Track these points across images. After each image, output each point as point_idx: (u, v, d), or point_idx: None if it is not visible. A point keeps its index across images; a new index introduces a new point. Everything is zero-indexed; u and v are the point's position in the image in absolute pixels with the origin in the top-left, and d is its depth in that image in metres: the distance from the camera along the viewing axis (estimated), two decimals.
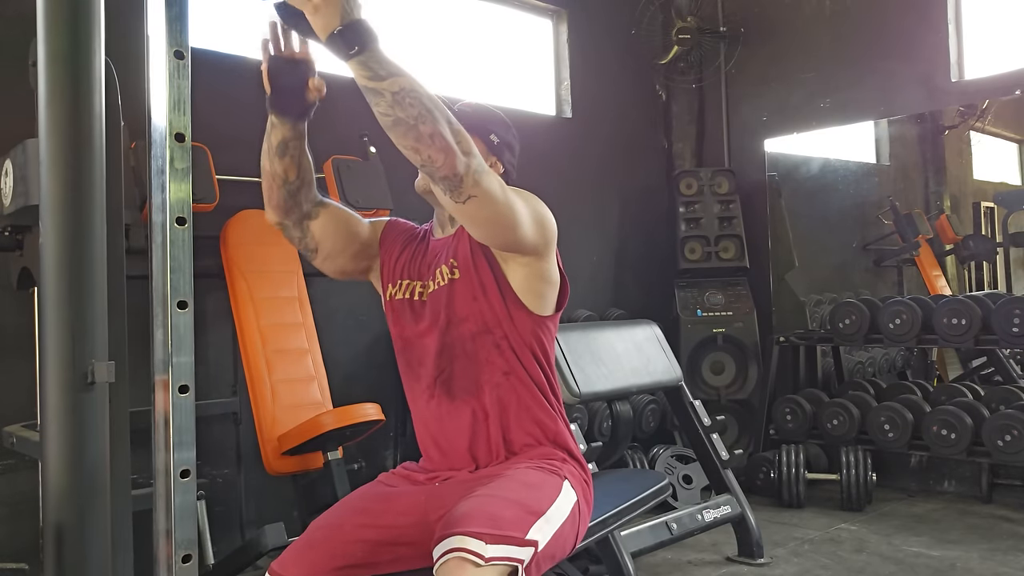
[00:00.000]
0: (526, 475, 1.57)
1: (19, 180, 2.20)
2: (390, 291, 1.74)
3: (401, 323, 1.72)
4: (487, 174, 1.45)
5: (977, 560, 2.97)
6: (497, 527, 1.35)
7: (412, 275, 1.73)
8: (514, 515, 1.41)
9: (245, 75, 3.33)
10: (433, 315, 1.66)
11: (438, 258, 1.70)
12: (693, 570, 3.00)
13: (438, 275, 1.68)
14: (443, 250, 1.70)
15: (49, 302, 1.29)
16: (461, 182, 1.41)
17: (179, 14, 1.45)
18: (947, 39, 4.04)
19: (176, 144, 1.45)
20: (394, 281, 1.75)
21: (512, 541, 1.36)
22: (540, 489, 1.53)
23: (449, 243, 1.70)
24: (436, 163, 1.39)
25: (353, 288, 3.40)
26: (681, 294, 4.40)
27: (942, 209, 4.72)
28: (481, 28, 4.32)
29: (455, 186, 1.42)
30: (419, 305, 1.69)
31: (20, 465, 2.66)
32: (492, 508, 1.40)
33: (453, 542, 1.32)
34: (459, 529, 1.33)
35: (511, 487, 1.50)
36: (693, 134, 4.97)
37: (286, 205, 1.66)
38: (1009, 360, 4.37)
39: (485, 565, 1.30)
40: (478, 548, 1.30)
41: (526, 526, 1.41)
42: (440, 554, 1.33)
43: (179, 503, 1.43)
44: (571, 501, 1.57)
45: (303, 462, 2.77)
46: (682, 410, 3.10)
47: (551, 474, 1.60)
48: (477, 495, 1.45)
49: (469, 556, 1.30)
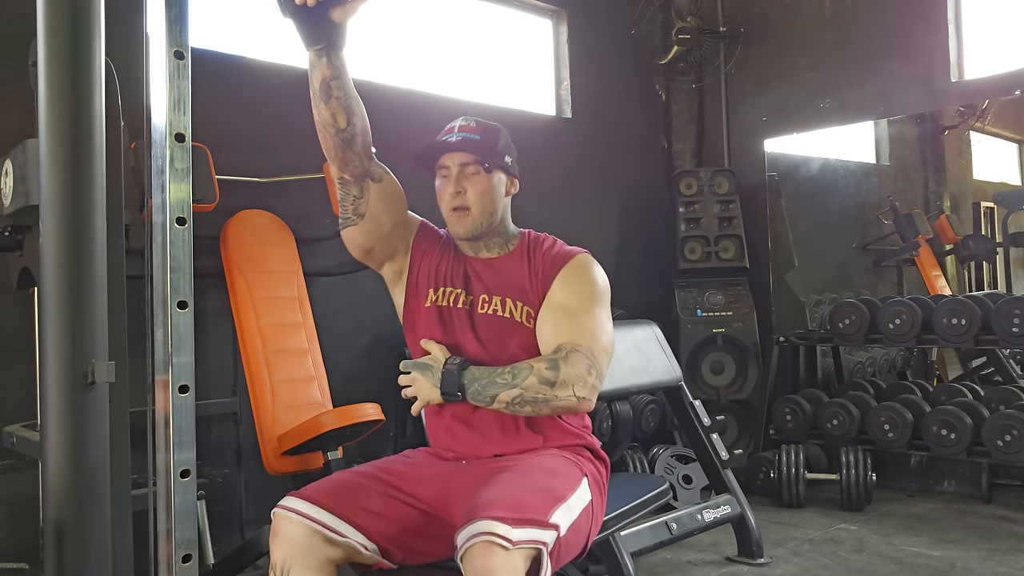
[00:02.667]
0: (548, 462, 1.62)
1: (19, 180, 2.19)
2: (431, 296, 1.76)
3: (438, 327, 1.73)
4: (595, 378, 1.59)
5: (977, 560, 2.97)
6: (521, 511, 1.38)
7: (455, 284, 1.76)
8: (537, 500, 1.45)
9: (245, 75, 3.35)
10: (488, 337, 1.71)
11: (495, 281, 1.75)
12: (693, 570, 3.00)
13: (499, 303, 1.73)
14: (501, 275, 1.75)
15: (49, 302, 1.29)
16: (589, 404, 1.62)
17: (179, 14, 1.45)
18: (947, 39, 4.04)
19: (176, 144, 1.45)
20: (436, 287, 1.76)
21: (536, 524, 1.39)
22: (562, 477, 1.59)
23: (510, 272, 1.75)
24: (573, 411, 1.64)
25: (353, 288, 3.41)
26: (681, 294, 4.40)
27: (942, 209, 4.72)
28: (481, 28, 4.32)
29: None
30: (463, 314, 1.73)
31: (20, 465, 2.65)
32: (515, 493, 1.43)
33: (480, 527, 1.34)
34: (485, 514, 1.35)
35: (533, 473, 1.54)
36: (693, 134, 4.97)
37: (343, 156, 1.63)
38: (1009, 360, 4.37)
39: (513, 548, 1.33)
40: (505, 532, 1.33)
41: (549, 510, 1.45)
42: (467, 538, 1.34)
43: (179, 503, 1.43)
44: (587, 498, 1.62)
45: (303, 462, 2.77)
46: (682, 410, 3.10)
47: (573, 465, 1.66)
48: (499, 482, 1.48)
49: (497, 540, 1.32)
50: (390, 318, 3.56)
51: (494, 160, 1.72)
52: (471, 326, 1.72)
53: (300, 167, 3.17)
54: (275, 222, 3.13)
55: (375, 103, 1.71)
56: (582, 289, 1.70)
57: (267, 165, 3.18)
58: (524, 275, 1.73)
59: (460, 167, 1.71)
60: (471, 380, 1.60)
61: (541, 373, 1.56)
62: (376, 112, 1.76)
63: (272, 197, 3.17)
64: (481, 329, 1.71)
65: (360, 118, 1.62)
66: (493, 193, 1.72)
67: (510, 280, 1.74)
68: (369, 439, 2.96)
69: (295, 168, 3.18)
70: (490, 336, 1.70)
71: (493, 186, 1.72)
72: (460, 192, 1.70)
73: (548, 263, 1.74)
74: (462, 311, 1.73)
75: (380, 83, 3.69)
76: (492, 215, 1.73)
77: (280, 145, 3.29)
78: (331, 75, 1.54)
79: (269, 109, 3.30)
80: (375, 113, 1.74)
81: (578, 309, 1.67)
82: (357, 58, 3.67)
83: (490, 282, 1.74)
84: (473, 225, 1.71)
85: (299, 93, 3.37)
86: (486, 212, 1.72)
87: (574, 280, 1.71)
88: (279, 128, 3.31)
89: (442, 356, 1.67)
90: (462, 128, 1.72)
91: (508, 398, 1.57)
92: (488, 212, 1.72)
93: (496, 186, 1.73)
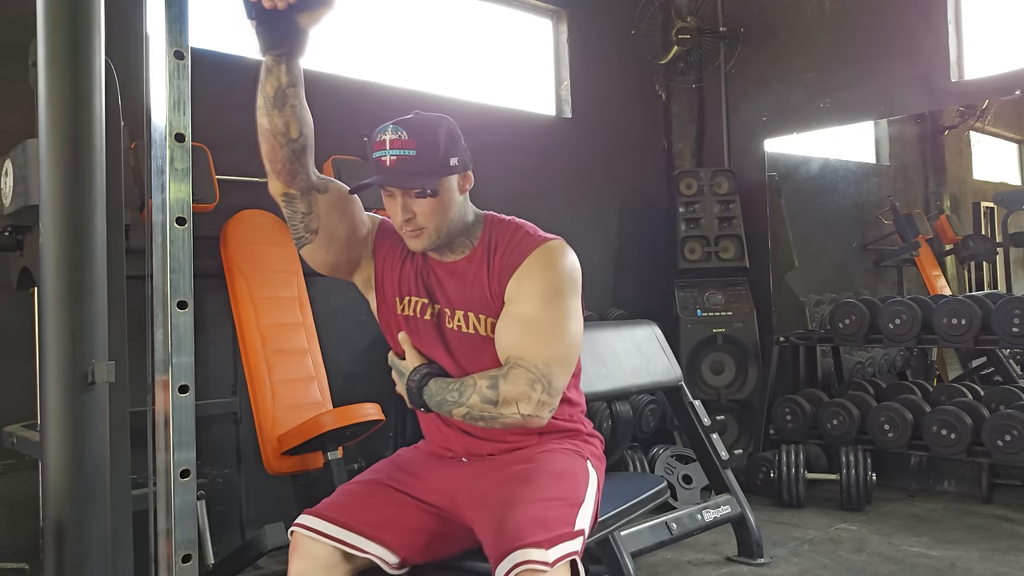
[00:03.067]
0: (554, 463, 1.61)
1: (19, 180, 2.19)
2: (399, 306, 1.70)
3: (413, 337, 1.68)
4: (540, 392, 1.53)
5: (977, 560, 2.97)
6: (549, 529, 1.40)
7: (419, 292, 1.68)
8: (558, 512, 1.46)
9: (245, 75, 3.33)
10: (460, 351, 1.65)
11: (458, 293, 1.64)
12: (693, 570, 3.00)
13: (462, 318, 1.64)
14: (463, 285, 1.64)
15: (49, 302, 1.29)
16: (554, 410, 1.58)
17: (179, 14, 1.45)
18: (947, 39, 4.04)
19: (176, 144, 1.45)
20: (401, 296, 1.70)
21: (565, 537, 1.41)
22: (572, 478, 1.59)
23: (471, 281, 1.64)
24: (524, 428, 1.58)
25: (353, 288, 3.39)
26: (681, 294, 4.40)
27: (942, 209, 4.72)
28: (481, 28, 4.32)
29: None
30: (431, 326, 1.66)
31: (20, 465, 2.66)
32: (536, 512, 1.44)
33: (516, 557, 1.35)
34: (518, 544, 1.37)
35: (545, 483, 1.53)
36: (693, 134, 4.97)
37: (291, 168, 1.56)
38: (1009, 360, 4.37)
39: (552, 570, 1.35)
40: (541, 556, 1.35)
41: (572, 520, 1.47)
42: (506, 571, 1.36)
43: (179, 503, 1.43)
44: (596, 482, 1.65)
45: (303, 462, 2.77)
46: (682, 410, 3.10)
47: (575, 455, 1.67)
48: (515, 500, 1.47)
49: (538, 567, 1.34)
50: None
51: (437, 176, 1.55)
52: (441, 341, 1.65)
53: None
54: (275, 222, 3.13)
55: (376, 104, 1.73)
56: (534, 290, 1.57)
57: None
58: (483, 282, 1.62)
59: (403, 192, 1.57)
60: (429, 396, 1.59)
61: (483, 392, 1.52)
62: (377, 113, 1.76)
63: (272, 197, 3.16)
64: (452, 344, 1.65)
65: (310, 129, 1.56)
66: (445, 207, 1.58)
67: (471, 290, 1.64)
68: (369, 439, 2.96)
69: None
70: (461, 351, 1.64)
71: (444, 201, 1.58)
72: (410, 218, 1.57)
73: (505, 264, 1.61)
74: (430, 323, 1.66)
75: (380, 83, 3.69)
76: (448, 225, 1.60)
77: None
78: (288, 82, 1.48)
79: None
80: (376, 114, 1.73)
81: (529, 315, 1.56)
82: (357, 58, 3.67)
83: (452, 293, 1.65)
84: (429, 241, 1.60)
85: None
86: (440, 227, 1.59)
87: (527, 280, 1.58)
88: None
89: (411, 365, 1.63)
90: (394, 144, 1.53)
91: (459, 414, 1.56)
92: (444, 225, 1.59)
93: (447, 198, 1.58)
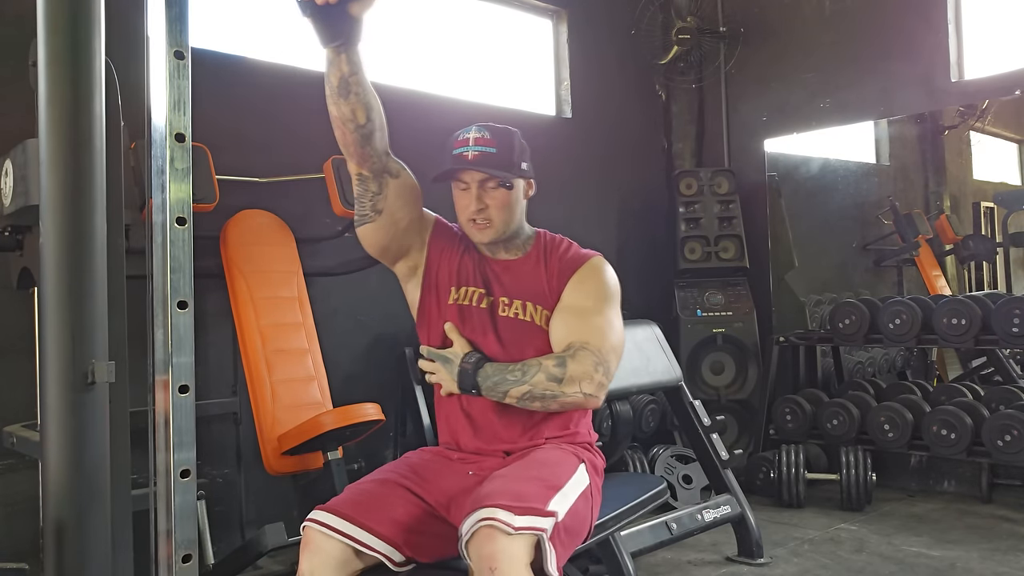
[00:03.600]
0: (546, 453, 1.70)
1: (19, 180, 2.19)
2: (452, 295, 1.80)
3: (460, 325, 1.78)
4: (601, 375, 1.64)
5: (977, 560, 2.97)
6: (521, 500, 1.45)
7: (477, 283, 1.81)
8: (535, 489, 1.51)
9: (245, 75, 3.35)
10: (509, 339, 1.76)
11: (515, 285, 1.80)
12: (693, 570, 3.00)
13: (520, 307, 1.78)
14: (520, 279, 1.80)
15: (49, 302, 1.29)
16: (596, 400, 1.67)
17: (179, 14, 1.45)
18: (947, 39, 4.04)
19: (176, 144, 1.45)
20: (458, 286, 1.81)
21: (535, 512, 1.46)
22: (558, 466, 1.65)
23: (528, 276, 1.80)
24: (580, 407, 1.70)
25: (353, 288, 3.41)
26: (681, 294, 4.40)
27: (942, 209, 4.72)
28: (481, 28, 4.32)
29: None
30: (485, 314, 1.78)
31: (20, 465, 2.66)
32: (515, 485, 1.50)
33: (483, 513, 1.41)
34: (488, 503, 1.43)
35: (531, 465, 1.62)
36: (693, 134, 4.97)
37: (362, 152, 1.65)
38: (1009, 360, 4.37)
39: (515, 533, 1.40)
40: (507, 518, 1.40)
41: (546, 499, 1.51)
42: (471, 525, 1.41)
43: (179, 503, 1.43)
44: (585, 482, 1.68)
45: (303, 462, 2.77)
46: (682, 410, 3.10)
47: (570, 454, 1.73)
48: (499, 476, 1.56)
49: (500, 525, 1.39)
50: (390, 318, 3.60)
51: (513, 172, 1.74)
52: (493, 328, 1.76)
53: (300, 167, 3.16)
54: (275, 222, 3.13)
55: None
56: (593, 291, 1.76)
57: (267, 165, 3.18)
58: (541, 279, 1.78)
59: (480, 182, 1.73)
60: (484, 378, 1.67)
61: (549, 370, 1.63)
62: None
63: (272, 197, 3.17)
64: (503, 331, 1.76)
65: (378, 113, 1.64)
66: (513, 204, 1.77)
67: (528, 283, 1.79)
68: (369, 439, 2.97)
69: (295, 168, 3.18)
70: (511, 339, 1.76)
71: (513, 198, 1.76)
72: (483, 208, 1.73)
73: (563, 266, 1.79)
74: (484, 311, 1.77)
75: (381, 83, 3.65)
76: (513, 223, 1.79)
77: (280, 145, 3.29)
78: (349, 71, 1.56)
79: (269, 109, 3.30)
80: None
81: (589, 310, 1.72)
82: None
83: (509, 285, 1.79)
84: (495, 235, 1.76)
85: (299, 93, 3.39)
86: (508, 222, 1.77)
87: (586, 282, 1.77)
88: (279, 128, 3.31)
89: (461, 352, 1.73)
90: (477, 141, 1.72)
91: (518, 394, 1.64)
92: (509, 222, 1.77)
93: (515, 197, 1.77)
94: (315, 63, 3.53)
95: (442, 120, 1.88)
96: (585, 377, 1.62)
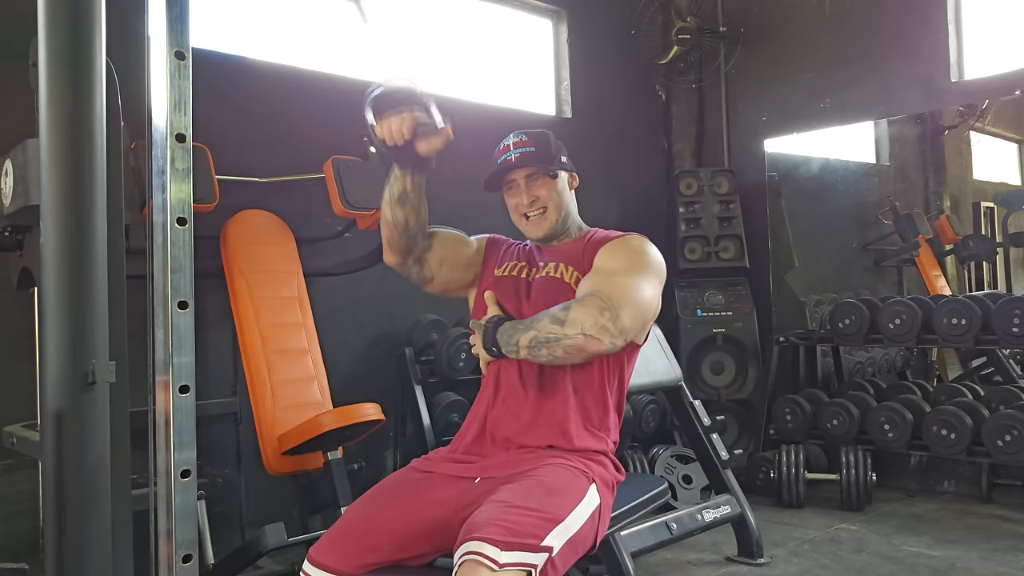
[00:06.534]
0: (553, 476, 1.62)
1: (19, 180, 2.19)
2: (497, 272, 1.90)
3: (501, 296, 1.84)
4: (607, 320, 1.60)
5: (977, 560, 2.97)
6: (512, 534, 1.41)
7: (520, 260, 1.90)
8: (531, 521, 1.47)
9: (245, 75, 3.35)
10: (538, 297, 1.80)
11: (555, 256, 1.87)
12: (693, 570, 3.00)
13: (553, 268, 1.84)
14: (561, 252, 1.88)
15: (49, 302, 1.29)
16: (615, 347, 1.63)
17: (180, 14, 1.45)
18: (947, 39, 4.04)
19: (177, 144, 1.45)
20: (501, 265, 1.91)
21: (527, 548, 1.42)
22: (564, 494, 1.59)
23: (567, 249, 1.88)
24: (590, 356, 1.63)
25: (353, 288, 3.41)
26: (681, 294, 4.39)
27: (942, 209, 4.72)
28: (481, 28, 4.32)
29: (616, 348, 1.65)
30: (522, 281, 1.85)
31: (20, 465, 2.66)
32: (510, 516, 1.46)
33: (471, 546, 1.39)
34: (477, 535, 1.40)
35: (533, 492, 1.55)
36: (693, 134, 4.97)
37: (406, 248, 1.83)
38: (1009, 360, 4.37)
39: (499, 570, 1.37)
40: (493, 554, 1.37)
41: (543, 532, 1.47)
42: (459, 557, 1.40)
43: (179, 503, 1.43)
44: (593, 505, 1.63)
45: (303, 462, 2.77)
46: (682, 410, 3.10)
47: (580, 475, 1.67)
48: (497, 501, 1.51)
49: (484, 560, 1.37)
50: (390, 318, 3.60)
51: (554, 164, 1.87)
52: (527, 288, 1.84)
53: (300, 167, 3.17)
54: (275, 222, 3.13)
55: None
56: (624, 256, 1.78)
57: (267, 165, 3.18)
58: (580, 249, 1.86)
59: (526, 178, 1.87)
60: (501, 333, 1.70)
61: (553, 314, 1.63)
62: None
63: (272, 197, 3.17)
64: (535, 290, 1.83)
65: (425, 218, 1.80)
66: (561, 192, 1.89)
67: (568, 253, 1.87)
68: (369, 439, 2.97)
69: (295, 168, 3.18)
70: (539, 296, 1.80)
71: (560, 186, 1.89)
72: (535, 199, 1.86)
73: (602, 239, 1.87)
74: (523, 280, 1.85)
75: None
76: (565, 211, 1.89)
77: (280, 145, 3.29)
78: (411, 188, 1.73)
79: (269, 109, 3.30)
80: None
81: (614, 271, 1.74)
82: (357, 58, 3.67)
83: (550, 256, 1.89)
84: (550, 224, 1.86)
85: (299, 93, 3.39)
86: (560, 209, 1.88)
87: (618, 249, 1.81)
88: (279, 128, 3.31)
89: (490, 314, 1.77)
90: (516, 144, 1.86)
91: (526, 341, 1.64)
92: (561, 208, 1.88)
93: (562, 185, 1.90)
94: (315, 63, 3.53)
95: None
96: (587, 318, 1.59)
